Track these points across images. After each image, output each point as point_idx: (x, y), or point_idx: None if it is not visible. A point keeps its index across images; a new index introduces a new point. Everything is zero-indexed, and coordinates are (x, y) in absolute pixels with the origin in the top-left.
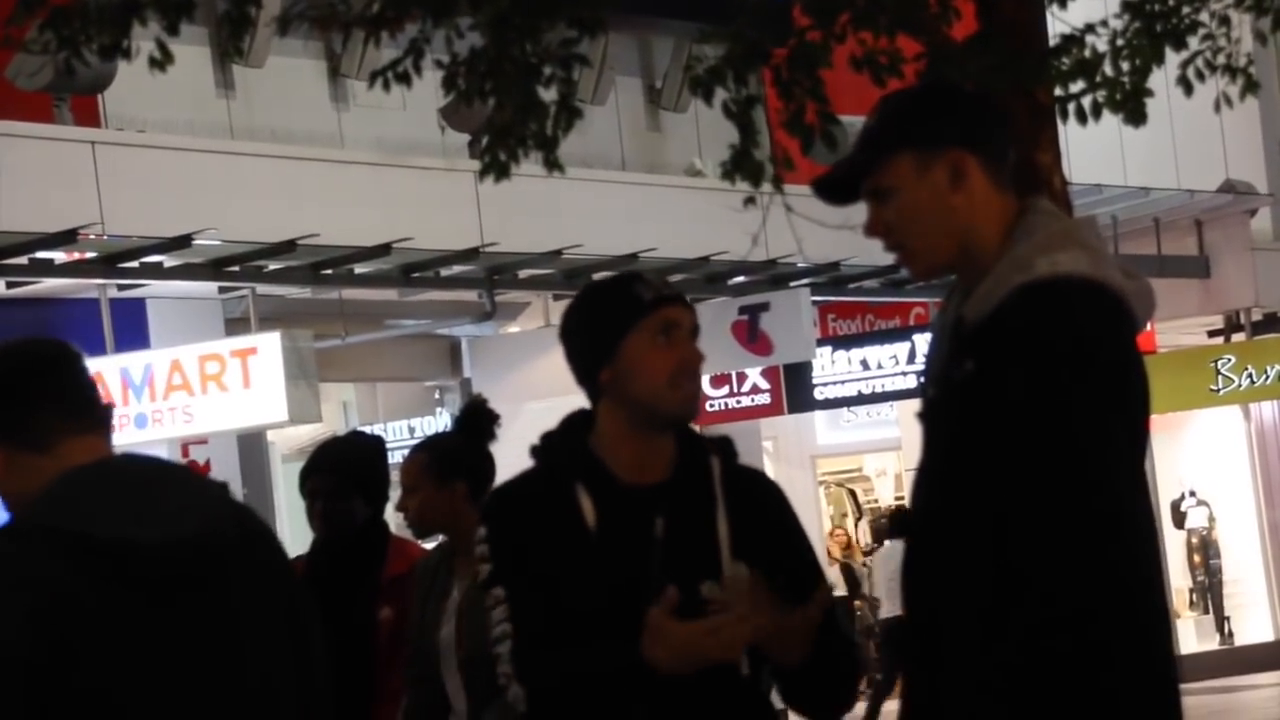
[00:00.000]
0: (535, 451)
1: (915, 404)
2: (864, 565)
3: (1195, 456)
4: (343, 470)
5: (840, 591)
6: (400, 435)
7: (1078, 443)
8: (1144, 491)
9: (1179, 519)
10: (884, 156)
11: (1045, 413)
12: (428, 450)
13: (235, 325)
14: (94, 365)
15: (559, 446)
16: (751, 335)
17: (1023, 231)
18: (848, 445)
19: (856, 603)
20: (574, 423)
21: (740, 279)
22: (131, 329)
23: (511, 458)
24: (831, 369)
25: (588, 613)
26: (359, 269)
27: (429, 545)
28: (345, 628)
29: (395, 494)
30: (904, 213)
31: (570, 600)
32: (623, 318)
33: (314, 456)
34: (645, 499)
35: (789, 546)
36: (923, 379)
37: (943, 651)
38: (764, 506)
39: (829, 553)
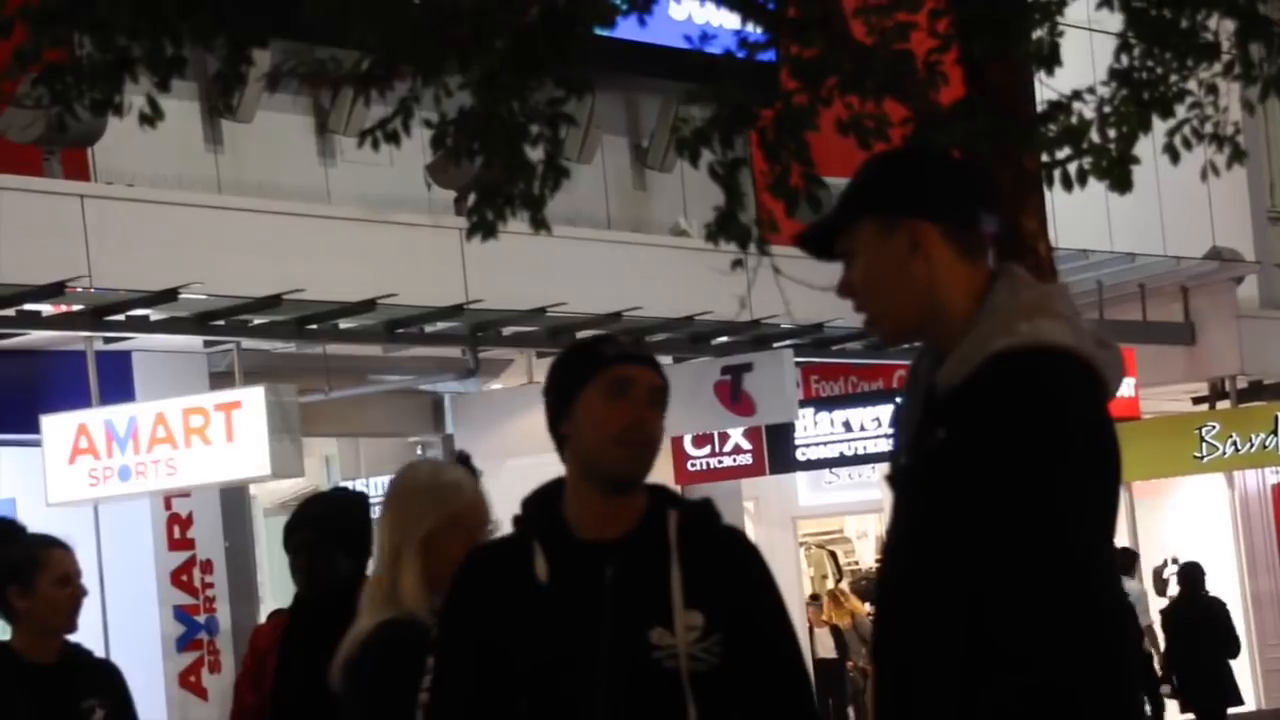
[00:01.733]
0: (514, 518)
1: (888, 468)
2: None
3: (1178, 524)
4: (326, 525)
5: (829, 655)
6: (382, 490)
7: (1053, 515)
8: (1111, 565)
9: (1161, 586)
10: (850, 219)
11: (1021, 484)
12: None
13: (220, 379)
14: (78, 417)
15: (529, 508)
16: (734, 395)
17: (994, 299)
18: (829, 507)
19: (848, 664)
20: (550, 486)
21: (724, 339)
22: (117, 382)
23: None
24: (814, 430)
25: (529, 674)
26: (343, 324)
27: None
28: (328, 684)
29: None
30: (865, 276)
31: (522, 654)
32: (582, 371)
33: (297, 511)
34: (599, 553)
35: (754, 604)
36: (892, 444)
37: (913, 717)
38: (730, 563)
39: (821, 616)
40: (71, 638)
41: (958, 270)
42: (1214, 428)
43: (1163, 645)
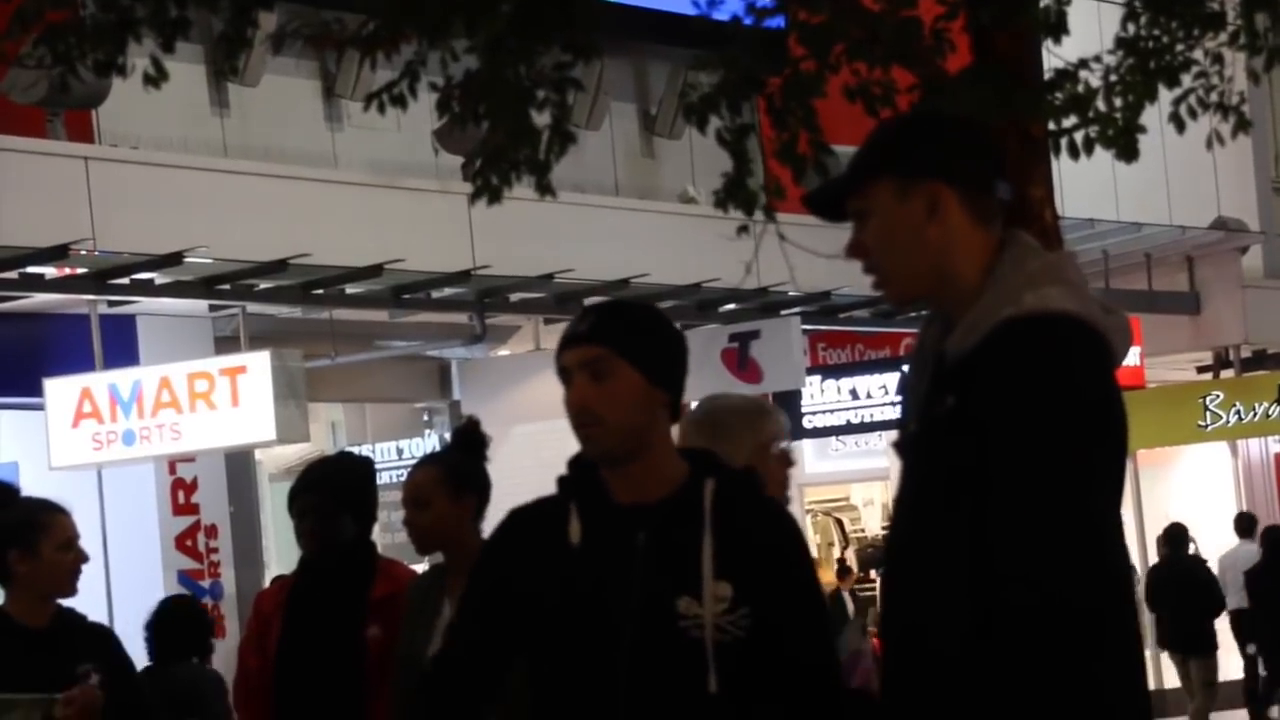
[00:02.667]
0: (558, 478)
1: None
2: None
3: (1182, 492)
4: (331, 490)
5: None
6: (388, 456)
7: (1063, 478)
8: (1119, 529)
9: None
10: (866, 179)
11: (1030, 449)
12: (439, 465)
13: (225, 344)
14: (82, 381)
15: (571, 470)
16: (741, 363)
17: (1003, 267)
18: (835, 474)
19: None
20: None
21: (731, 306)
22: (121, 345)
23: (500, 480)
24: (821, 398)
25: (553, 634)
26: (350, 289)
27: (418, 567)
28: (333, 647)
29: (390, 514)
30: (879, 237)
31: (549, 613)
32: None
33: (303, 475)
34: (634, 516)
35: (786, 580)
36: (901, 411)
37: (920, 683)
38: (765, 536)
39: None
40: (75, 603)
41: (971, 236)
42: (1218, 396)
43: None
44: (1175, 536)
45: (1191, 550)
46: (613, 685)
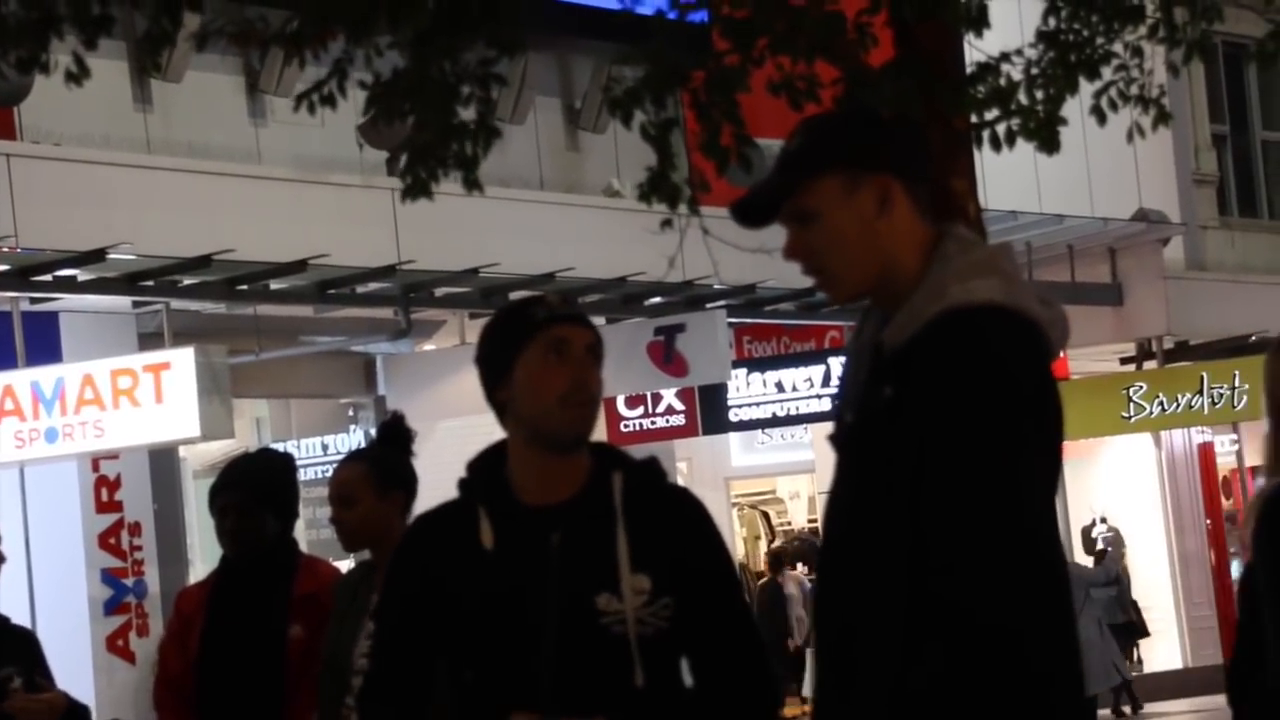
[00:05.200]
0: (459, 481)
1: (829, 428)
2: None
3: (1107, 483)
4: (252, 487)
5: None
6: (314, 452)
7: (997, 468)
8: (1054, 521)
9: (1089, 545)
10: (808, 178)
11: (964, 439)
12: (365, 461)
13: (149, 340)
14: (3, 379)
15: (473, 473)
16: (667, 356)
17: (940, 258)
18: (762, 468)
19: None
20: (493, 449)
21: (656, 300)
22: (43, 342)
23: (425, 475)
24: (747, 391)
25: (473, 642)
26: (275, 285)
27: (343, 565)
28: (254, 646)
29: (316, 510)
30: (828, 236)
31: (466, 622)
32: (516, 336)
33: (223, 473)
34: (545, 517)
35: (703, 564)
36: (836, 404)
37: (854, 678)
38: (677, 525)
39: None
40: None
41: (915, 229)
42: (1141, 388)
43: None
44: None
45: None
46: (537, 686)
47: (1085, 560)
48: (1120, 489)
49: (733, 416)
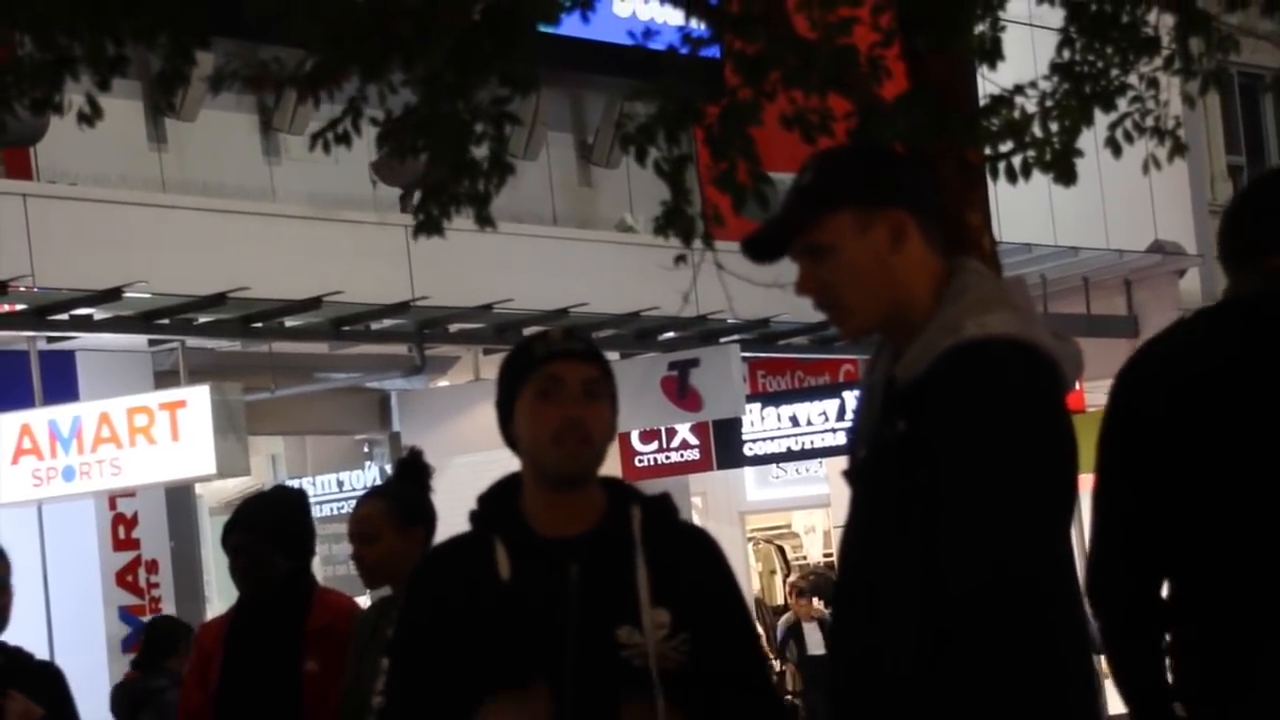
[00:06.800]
0: (471, 514)
1: (844, 462)
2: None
3: None
4: (263, 527)
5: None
6: (329, 489)
7: (1012, 502)
8: (1069, 554)
9: None
10: (822, 213)
11: (979, 473)
12: (386, 498)
13: (164, 378)
14: (21, 417)
15: (487, 505)
16: (681, 391)
17: (953, 293)
18: (777, 502)
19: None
20: (506, 481)
21: (670, 335)
22: (60, 381)
23: (440, 510)
24: (761, 425)
25: (493, 676)
26: (289, 322)
27: (360, 599)
28: (270, 682)
29: (332, 546)
30: (841, 271)
31: (486, 650)
32: (517, 376)
33: (236, 513)
34: (562, 550)
35: (720, 601)
36: (851, 438)
37: (872, 709)
38: (693, 560)
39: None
40: (17, 640)
41: (928, 263)
42: None
43: None
44: None
45: None
46: (557, 717)
47: None
48: None
49: (747, 451)
